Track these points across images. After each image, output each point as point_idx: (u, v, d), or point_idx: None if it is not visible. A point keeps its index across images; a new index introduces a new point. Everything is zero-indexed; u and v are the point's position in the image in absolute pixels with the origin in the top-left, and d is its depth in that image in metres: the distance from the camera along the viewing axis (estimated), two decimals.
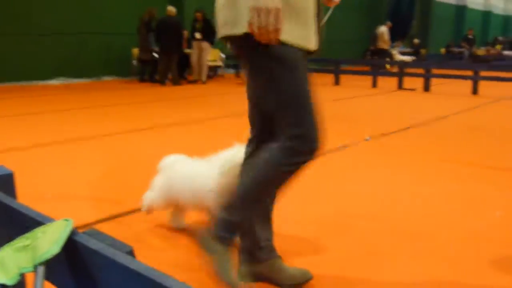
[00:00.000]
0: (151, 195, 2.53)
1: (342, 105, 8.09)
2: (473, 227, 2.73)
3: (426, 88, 10.30)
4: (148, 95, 9.08)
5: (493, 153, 4.56)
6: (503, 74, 10.83)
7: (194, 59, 11.34)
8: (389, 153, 4.55)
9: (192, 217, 2.67)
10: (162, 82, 11.01)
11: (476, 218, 2.87)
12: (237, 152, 2.12)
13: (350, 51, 19.56)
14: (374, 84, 11.03)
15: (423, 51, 20.52)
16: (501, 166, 4.08)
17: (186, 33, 11.32)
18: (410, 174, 3.80)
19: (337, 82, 11.49)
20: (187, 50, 11.61)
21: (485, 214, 2.94)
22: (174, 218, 2.57)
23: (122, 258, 0.97)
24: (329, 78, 11.94)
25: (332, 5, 2.01)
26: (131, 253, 1.07)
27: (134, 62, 11.99)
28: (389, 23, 17.04)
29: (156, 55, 11.23)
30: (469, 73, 10.07)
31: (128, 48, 12.09)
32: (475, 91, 9.65)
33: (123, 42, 12.13)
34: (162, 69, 11.05)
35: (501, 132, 5.72)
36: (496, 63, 20.03)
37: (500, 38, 28.23)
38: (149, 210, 2.56)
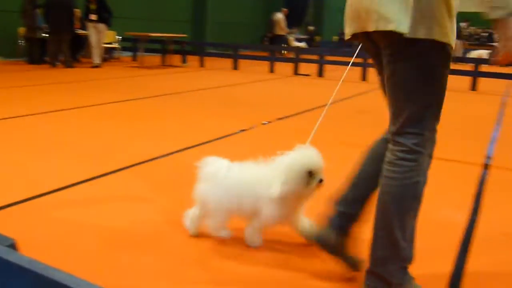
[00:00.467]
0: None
1: (240, 90, 8.19)
2: None
3: (320, 73, 10.74)
4: (38, 78, 8.53)
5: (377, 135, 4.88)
6: None
7: (93, 40, 10.68)
8: (284, 134, 4.70)
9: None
10: (52, 63, 10.38)
11: None
12: (300, 158, 2.08)
13: (248, 36, 19.76)
14: (272, 70, 11.28)
15: (317, 38, 21.26)
16: None
17: (78, 12, 10.73)
18: None
19: (235, 67, 11.59)
20: (80, 31, 11.03)
21: None
22: (210, 223, 2.28)
23: (2, 252, 0.92)
24: (228, 62, 12.00)
25: None
26: (13, 246, 1.02)
27: (21, 42, 11.18)
28: (285, 10, 17.45)
29: (45, 34, 10.54)
30: (360, 60, 10.64)
31: (13, 27, 11.22)
32: (364, 77, 10.24)
33: (7, 20, 11.23)
34: (52, 50, 10.40)
35: (386, 115, 6.13)
36: None
37: None
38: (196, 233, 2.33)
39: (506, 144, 4.74)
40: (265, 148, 4.18)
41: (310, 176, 2.04)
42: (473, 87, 9.25)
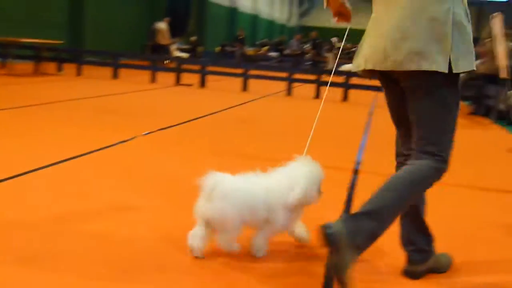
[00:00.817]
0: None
1: (121, 99, 7.95)
2: None
3: (202, 84, 10.79)
4: None
5: (257, 144, 5.02)
6: (268, 73, 11.96)
7: None
8: (166, 146, 4.65)
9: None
10: None
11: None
12: (317, 168, 2.33)
13: (130, 44, 19.27)
14: (153, 79, 11.10)
15: (199, 48, 21.38)
16: (261, 155, 4.52)
17: None
18: (184, 166, 3.94)
19: (115, 75, 11.23)
20: None
21: None
22: (222, 239, 2.23)
23: None
24: (108, 71, 11.59)
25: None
26: None
27: None
28: (167, 19, 17.32)
29: None
30: (240, 71, 10.88)
31: None
32: (245, 88, 10.49)
33: None
34: None
35: (265, 125, 6.34)
36: (263, 63, 22.05)
37: (266, 40, 31.15)
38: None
39: (372, 151, 5.14)
40: (145, 159, 4.10)
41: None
42: (345, 98, 9.91)
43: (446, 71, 1.85)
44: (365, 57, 2.05)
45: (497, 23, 7.84)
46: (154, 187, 3.35)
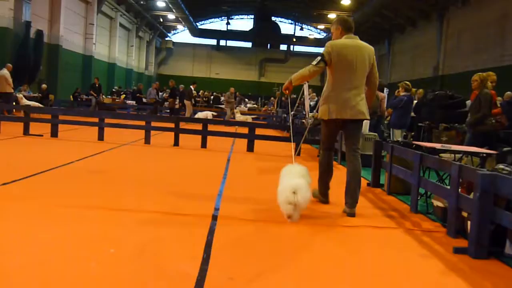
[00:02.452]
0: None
1: None
2: (85, 267, 2.79)
3: (54, 134, 10.15)
4: None
5: (110, 195, 4.82)
6: (126, 121, 11.69)
7: None
8: (11, 204, 4.23)
9: None
10: None
11: (90, 257, 2.94)
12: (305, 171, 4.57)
13: None
14: None
15: (51, 96, 20.26)
16: (114, 206, 4.34)
17: None
18: (26, 223, 3.62)
19: None
20: None
21: (100, 252, 3.05)
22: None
23: None
24: None
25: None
26: None
27: None
28: (9, 65, 16.20)
29: None
30: (95, 119, 10.47)
31: None
32: (101, 137, 10.08)
33: None
34: None
35: (119, 174, 6.12)
36: (120, 111, 21.55)
37: (123, 88, 30.61)
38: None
39: (230, 195, 5.23)
40: None
41: None
42: (203, 145, 10.04)
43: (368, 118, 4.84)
44: (332, 110, 4.77)
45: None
46: None
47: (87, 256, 3.00)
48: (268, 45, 48.17)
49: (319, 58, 4.72)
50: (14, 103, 15.45)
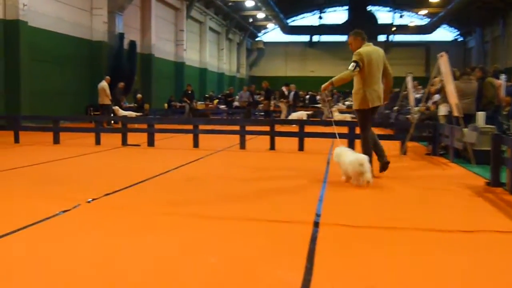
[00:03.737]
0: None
1: (62, 165, 7.76)
2: (192, 273, 2.88)
3: (151, 143, 10.71)
4: None
5: (207, 202, 4.97)
6: (220, 127, 12.06)
7: None
8: (114, 213, 4.52)
9: None
10: None
11: (194, 264, 3.04)
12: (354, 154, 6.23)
13: (72, 106, 19.10)
14: (98, 142, 10.95)
15: (146, 106, 21.40)
16: (215, 214, 4.46)
17: None
18: (132, 233, 3.83)
19: (56, 140, 11.02)
20: None
21: (201, 260, 3.14)
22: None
23: None
24: (48, 136, 11.36)
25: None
26: None
27: None
28: (108, 78, 17.43)
29: None
30: (190, 127, 10.90)
31: None
32: (196, 144, 10.47)
33: None
34: None
35: (216, 181, 6.29)
36: (213, 117, 22.26)
37: (215, 93, 31.58)
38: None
39: (332, 201, 5.17)
40: (88, 232, 3.95)
41: None
42: (300, 148, 10.04)
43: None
44: (370, 100, 6.64)
45: (443, 62, 8.29)
46: (101, 274, 3.22)
47: (188, 266, 3.10)
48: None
49: (354, 64, 6.57)
50: (112, 115, 16.57)
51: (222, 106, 25.73)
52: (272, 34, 49.65)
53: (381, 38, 46.07)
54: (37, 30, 17.30)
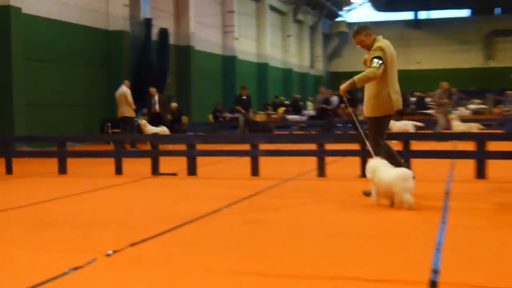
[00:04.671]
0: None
1: (70, 205, 7.98)
2: None
3: (192, 171, 10.83)
4: None
5: (274, 254, 4.94)
6: (288, 145, 12.04)
7: None
8: (142, 270, 4.58)
9: None
10: None
11: None
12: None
13: (80, 121, 19.69)
14: (119, 170, 11.19)
15: (184, 118, 21.73)
16: (291, 272, 4.43)
17: None
18: None
19: (62, 170, 11.35)
20: None
21: None
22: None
23: None
24: (51, 164, 11.74)
25: None
26: None
27: None
28: (127, 82, 17.65)
29: None
30: (246, 147, 10.95)
31: None
32: (255, 171, 10.48)
33: None
34: None
35: (284, 225, 6.26)
36: (278, 132, 22.19)
37: (277, 98, 31.69)
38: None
39: (455, 250, 5.02)
40: None
41: None
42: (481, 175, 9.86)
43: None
44: (394, 103, 7.80)
45: None
46: None
47: None
48: (497, 9, 46.10)
49: (379, 61, 7.55)
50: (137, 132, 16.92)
51: (292, 117, 25.82)
52: (360, 12, 49.57)
53: None
54: (34, 18, 17.99)
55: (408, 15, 47.68)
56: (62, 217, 7.00)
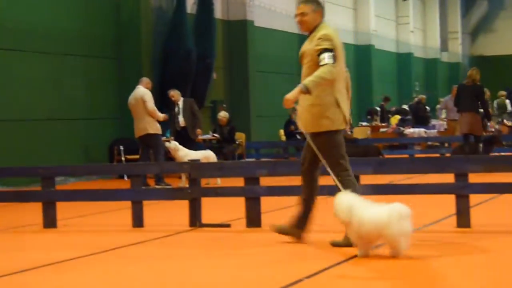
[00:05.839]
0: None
1: (63, 277, 7.96)
2: None
3: (254, 220, 10.73)
4: None
5: None
6: (405, 177, 11.84)
7: None
8: None
9: None
10: None
11: None
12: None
13: (77, 143, 19.93)
14: (139, 221, 11.18)
15: (240, 136, 21.80)
16: None
17: None
18: None
19: (50, 221, 11.36)
20: None
21: None
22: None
23: None
24: (33, 211, 11.82)
25: None
26: None
27: None
28: (146, 80, 17.68)
29: None
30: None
31: None
32: None
33: None
34: None
35: None
36: (391, 156, 21.97)
37: (385, 101, 31.55)
38: None
39: None
40: None
41: None
42: None
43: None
44: (345, 115, 8.88)
45: None
46: None
47: None
48: None
49: (331, 54, 8.29)
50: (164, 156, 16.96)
51: (412, 130, 25.53)
52: None
53: None
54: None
55: None
56: None
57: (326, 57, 8.17)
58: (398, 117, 28.23)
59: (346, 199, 7.87)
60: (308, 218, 9.04)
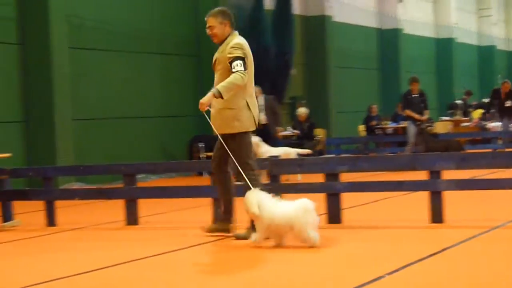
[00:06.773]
0: None
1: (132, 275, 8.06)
2: None
3: (334, 216, 10.72)
4: None
5: None
6: (488, 172, 11.77)
7: None
8: None
9: None
10: None
11: None
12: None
13: (150, 139, 20.08)
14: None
15: (319, 132, 21.76)
16: None
17: None
18: None
19: (132, 218, 11.48)
20: None
21: None
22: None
23: None
24: (115, 209, 11.97)
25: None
26: None
27: None
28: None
29: None
30: (419, 175, 10.75)
31: None
32: (436, 214, 10.24)
33: None
34: None
35: None
36: (473, 150, 21.70)
37: (469, 94, 31.16)
38: None
39: None
40: None
41: None
42: None
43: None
44: (255, 117, 10.04)
45: None
46: None
47: None
48: None
49: (242, 61, 9.36)
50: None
51: (495, 124, 25.11)
52: None
53: None
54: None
55: None
56: None
57: (238, 65, 9.32)
58: (480, 111, 27.86)
59: (255, 195, 8.85)
60: (231, 211, 10.04)
